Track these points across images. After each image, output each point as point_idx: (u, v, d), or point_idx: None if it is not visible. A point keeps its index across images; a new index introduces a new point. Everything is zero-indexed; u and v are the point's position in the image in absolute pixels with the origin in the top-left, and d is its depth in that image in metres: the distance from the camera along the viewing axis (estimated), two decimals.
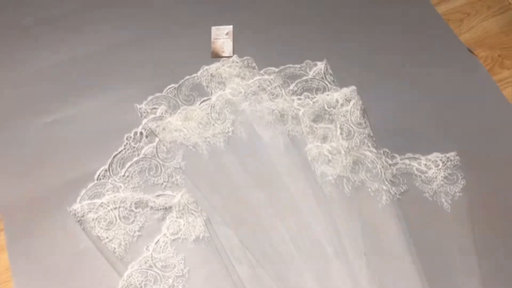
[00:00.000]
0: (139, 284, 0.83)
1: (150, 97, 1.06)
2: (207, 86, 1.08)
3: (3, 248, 0.90)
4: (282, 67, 1.10)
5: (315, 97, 1.04)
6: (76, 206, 0.91)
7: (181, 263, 0.86)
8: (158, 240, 0.88)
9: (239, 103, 1.03)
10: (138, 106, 1.04)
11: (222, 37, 1.15)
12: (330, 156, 0.93)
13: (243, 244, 0.88)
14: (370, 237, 0.87)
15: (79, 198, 0.93)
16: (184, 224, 0.90)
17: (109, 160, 0.97)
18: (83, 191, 0.94)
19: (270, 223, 0.89)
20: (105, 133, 1.02)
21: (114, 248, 0.87)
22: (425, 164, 0.94)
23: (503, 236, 0.87)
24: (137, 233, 0.89)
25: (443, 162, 0.94)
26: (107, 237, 0.88)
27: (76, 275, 0.87)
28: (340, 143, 0.94)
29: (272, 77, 1.06)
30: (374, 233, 0.87)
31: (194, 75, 1.09)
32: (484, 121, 1.00)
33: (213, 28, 1.17)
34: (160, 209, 0.91)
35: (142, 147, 0.99)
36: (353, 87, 1.01)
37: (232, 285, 0.84)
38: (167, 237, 0.89)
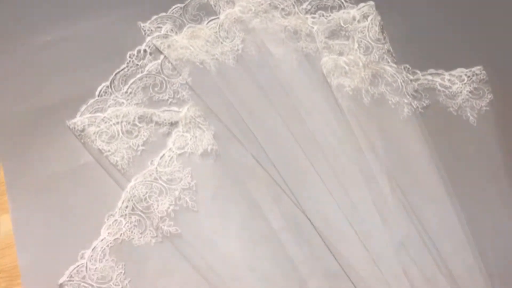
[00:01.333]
0: (143, 195, 0.78)
1: (154, 17, 1.00)
2: (214, 6, 1.01)
3: None
4: None
5: (330, 15, 0.98)
6: (76, 120, 0.85)
7: (187, 176, 0.80)
8: (163, 155, 0.83)
9: (249, 21, 0.97)
10: (142, 25, 0.98)
11: None
12: (347, 67, 0.87)
13: (255, 159, 0.82)
14: (392, 149, 0.81)
15: (79, 113, 0.87)
16: (191, 138, 0.84)
17: (111, 77, 0.91)
18: (84, 107, 0.88)
19: (284, 137, 0.83)
20: (106, 52, 0.96)
21: (117, 161, 0.81)
22: (449, 80, 0.88)
23: None
24: (141, 148, 0.83)
25: (468, 76, 0.88)
26: (109, 150, 0.82)
27: (75, 190, 0.81)
28: (358, 56, 0.88)
29: None
30: (396, 146, 0.82)
31: None
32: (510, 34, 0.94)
33: None
34: (166, 124, 0.85)
35: (146, 64, 0.93)
36: (371, 2, 0.95)
37: (242, 199, 0.78)
38: (173, 151, 0.83)
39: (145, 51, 0.95)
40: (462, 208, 0.76)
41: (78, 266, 0.73)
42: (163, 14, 1.01)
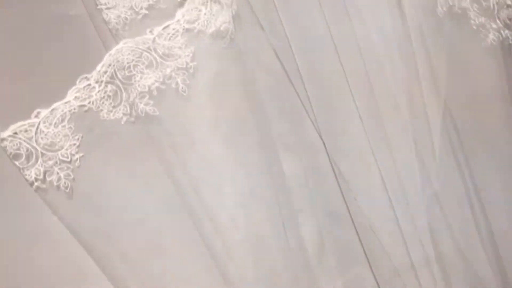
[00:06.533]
0: (128, 63, 0.62)
1: None
2: None
3: None
4: None
5: None
6: None
7: (188, 55, 0.63)
8: (167, 26, 0.66)
9: None
10: None
11: None
12: None
13: (275, 52, 0.63)
14: (458, 81, 0.60)
15: None
16: (205, 13, 0.66)
17: None
18: None
19: (318, 35, 0.65)
20: None
21: (111, 19, 0.65)
22: None
23: None
24: (143, 11, 0.67)
25: None
26: (106, 4, 0.66)
27: (55, 41, 0.66)
28: None
29: None
30: (466, 79, 0.61)
31: None
32: None
33: None
34: None
35: None
36: None
37: (246, 95, 0.61)
38: (181, 24, 0.66)
39: None
40: None
41: (28, 123, 0.59)
42: None
